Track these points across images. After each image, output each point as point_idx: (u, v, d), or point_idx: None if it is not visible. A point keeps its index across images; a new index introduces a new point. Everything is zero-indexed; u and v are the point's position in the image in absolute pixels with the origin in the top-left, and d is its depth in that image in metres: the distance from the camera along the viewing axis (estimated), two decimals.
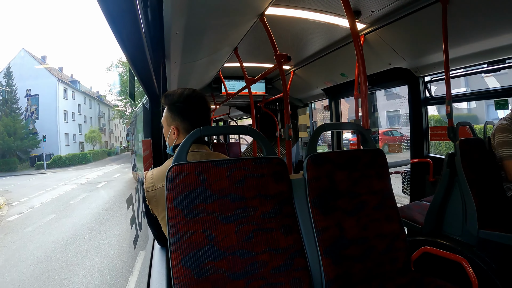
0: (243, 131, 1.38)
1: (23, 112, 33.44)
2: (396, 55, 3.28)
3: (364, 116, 1.96)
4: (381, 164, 1.57)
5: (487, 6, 2.26)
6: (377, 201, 1.51)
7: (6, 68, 32.58)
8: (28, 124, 33.25)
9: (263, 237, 1.21)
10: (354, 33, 1.95)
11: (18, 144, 30.31)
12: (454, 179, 2.28)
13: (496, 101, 2.97)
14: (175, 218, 1.12)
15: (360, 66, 1.95)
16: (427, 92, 3.54)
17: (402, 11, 2.65)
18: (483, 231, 2.08)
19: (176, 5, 1.97)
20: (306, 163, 1.42)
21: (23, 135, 31.32)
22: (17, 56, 34.85)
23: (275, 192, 1.27)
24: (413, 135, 3.66)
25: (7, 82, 31.79)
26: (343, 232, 1.39)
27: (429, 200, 2.87)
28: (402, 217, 2.11)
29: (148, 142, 2.46)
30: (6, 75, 32.01)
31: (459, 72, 3.19)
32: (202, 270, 1.10)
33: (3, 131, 29.42)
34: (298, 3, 2.72)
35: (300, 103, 6.24)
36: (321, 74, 4.67)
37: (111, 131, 50.16)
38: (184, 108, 1.56)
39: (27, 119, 33.46)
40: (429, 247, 1.55)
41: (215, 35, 2.99)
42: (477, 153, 2.33)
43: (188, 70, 4.05)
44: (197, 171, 1.16)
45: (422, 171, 3.55)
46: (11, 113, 31.43)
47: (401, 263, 1.49)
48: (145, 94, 2.71)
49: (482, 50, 2.68)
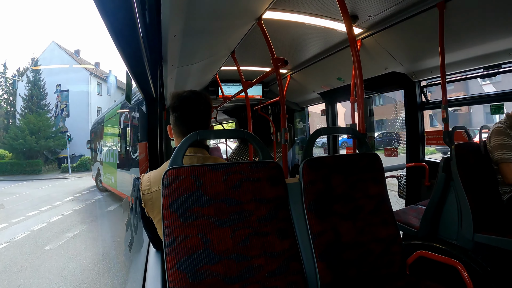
0: (240, 135, 1.38)
1: (53, 108, 30.88)
2: (392, 60, 3.30)
3: (360, 120, 1.96)
4: (377, 168, 1.57)
5: (483, 11, 2.28)
6: (373, 206, 1.52)
7: (34, 62, 30.75)
8: (58, 122, 30.52)
9: (258, 241, 1.20)
10: (351, 37, 1.96)
11: (42, 144, 26.86)
12: (449, 183, 2.29)
13: (492, 106, 2.99)
14: (170, 221, 1.11)
15: (357, 70, 1.96)
16: (423, 96, 3.56)
17: (399, 16, 2.67)
18: (478, 235, 2.09)
19: (174, 8, 1.97)
20: (302, 167, 1.42)
21: (49, 134, 27.83)
22: (47, 49, 32.46)
23: (271, 196, 1.27)
24: (409, 139, 3.68)
25: (35, 77, 29.64)
26: (339, 236, 1.39)
27: (424, 204, 2.88)
28: (398, 221, 2.11)
29: (144, 145, 2.45)
30: (33, 70, 29.95)
31: (455, 77, 3.21)
32: (198, 274, 1.09)
33: (25, 129, 26.83)
34: (295, 7, 2.73)
35: (296, 107, 6.25)
36: (318, 78, 4.69)
37: None
38: (179, 111, 1.55)
39: (56, 117, 30.77)
40: (424, 251, 1.56)
41: (212, 38, 2.99)
42: (472, 157, 2.34)
43: (185, 73, 4.05)
44: (193, 175, 1.16)
45: (417, 175, 3.56)
46: (37, 110, 28.93)
47: (396, 267, 1.49)
48: (142, 96, 2.71)
49: (478, 55, 2.70)
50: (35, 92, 29.47)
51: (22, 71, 31.28)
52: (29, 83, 29.49)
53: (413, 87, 3.53)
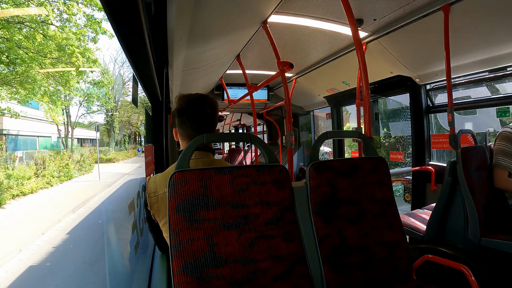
0: (246, 139, 1.38)
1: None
2: (398, 63, 3.29)
3: (366, 124, 1.96)
4: (383, 172, 1.57)
5: (488, 14, 2.27)
6: (379, 209, 1.51)
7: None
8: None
9: (264, 245, 1.20)
10: (357, 41, 1.96)
11: None
12: (456, 187, 2.28)
13: (498, 109, 2.97)
14: (176, 224, 1.12)
15: (362, 74, 1.96)
16: (429, 100, 3.55)
17: (404, 20, 2.66)
18: (485, 239, 2.08)
19: (180, 11, 1.98)
20: (309, 171, 1.42)
21: None
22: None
23: (277, 199, 1.27)
24: (415, 143, 3.66)
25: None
26: (345, 240, 1.39)
27: (430, 208, 2.86)
28: (404, 225, 2.10)
29: (150, 148, 2.46)
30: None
31: (460, 80, 3.20)
32: (203, 277, 1.09)
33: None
34: (301, 11, 2.73)
35: (302, 110, 6.25)
36: (323, 81, 4.68)
37: None
38: (185, 114, 1.55)
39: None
40: (430, 255, 1.55)
41: (218, 42, 3.00)
42: (479, 161, 2.33)
43: (190, 76, 4.06)
44: (199, 178, 1.17)
45: (423, 179, 3.54)
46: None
47: (402, 271, 1.49)
48: (148, 99, 2.73)
49: (484, 58, 2.68)
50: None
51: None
52: None
53: (418, 90, 3.52)
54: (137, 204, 2.16)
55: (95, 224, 9.08)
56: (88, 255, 6.58)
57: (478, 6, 2.26)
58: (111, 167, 19.03)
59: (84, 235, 8.15)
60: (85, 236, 8.11)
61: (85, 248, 7.05)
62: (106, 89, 19.20)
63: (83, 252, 6.88)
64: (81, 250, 7.13)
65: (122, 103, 25.83)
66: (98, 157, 18.01)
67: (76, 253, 6.98)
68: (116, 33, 1.18)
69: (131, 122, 26.39)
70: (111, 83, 19.56)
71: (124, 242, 3.37)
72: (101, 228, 8.45)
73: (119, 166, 19.98)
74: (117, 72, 27.93)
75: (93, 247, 6.75)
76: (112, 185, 14.21)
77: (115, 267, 3.39)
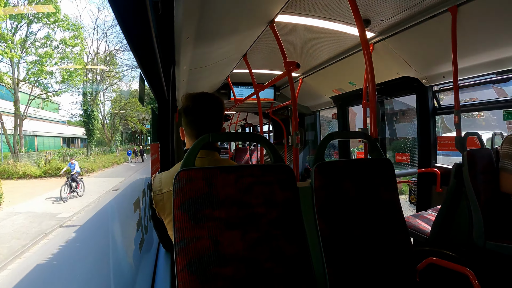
0: (252, 138, 1.38)
1: None
2: (404, 64, 3.28)
3: (372, 125, 1.96)
4: (389, 173, 1.56)
5: (496, 16, 2.26)
6: (384, 211, 1.51)
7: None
8: None
9: (268, 245, 1.20)
10: (364, 41, 1.95)
11: None
12: (461, 190, 2.27)
13: (505, 112, 2.95)
14: (181, 222, 1.12)
15: (369, 74, 1.96)
16: (435, 101, 3.53)
17: (411, 20, 2.65)
18: (490, 243, 2.07)
19: (187, 11, 1.99)
20: (314, 172, 1.42)
21: None
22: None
23: (281, 199, 1.27)
24: (420, 145, 3.64)
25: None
26: (349, 241, 1.39)
27: (435, 210, 2.85)
28: (408, 227, 2.10)
29: (156, 146, 2.48)
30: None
31: (468, 81, 3.18)
32: (207, 276, 1.10)
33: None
34: (308, 11, 2.73)
35: (308, 110, 6.24)
36: (330, 82, 4.67)
37: None
38: (191, 113, 1.55)
39: None
40: (435, 258, 1.54)
41: (225, 41, 3.01)
42: (484, 164, 2.32)
43: (197, 75, 4.08)
44: (205, 177, 1.17)
45: (429, 181, 3.53)
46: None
47: (406, 273, 1.48)
48: (154, 98, 2.74)
49: (492, 60, 2.66)
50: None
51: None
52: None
53: (425, 92, 3.51)
54: (142, 202, 2.17)
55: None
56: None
57: (485, 7, 2.25)
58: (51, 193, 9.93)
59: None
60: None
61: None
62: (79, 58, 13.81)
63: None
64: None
65: (109, 81, 18.73)
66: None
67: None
68: (124, 32, 1.19)
69: (127, 114, 19.54)
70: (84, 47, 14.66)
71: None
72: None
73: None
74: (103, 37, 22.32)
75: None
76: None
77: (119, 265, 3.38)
